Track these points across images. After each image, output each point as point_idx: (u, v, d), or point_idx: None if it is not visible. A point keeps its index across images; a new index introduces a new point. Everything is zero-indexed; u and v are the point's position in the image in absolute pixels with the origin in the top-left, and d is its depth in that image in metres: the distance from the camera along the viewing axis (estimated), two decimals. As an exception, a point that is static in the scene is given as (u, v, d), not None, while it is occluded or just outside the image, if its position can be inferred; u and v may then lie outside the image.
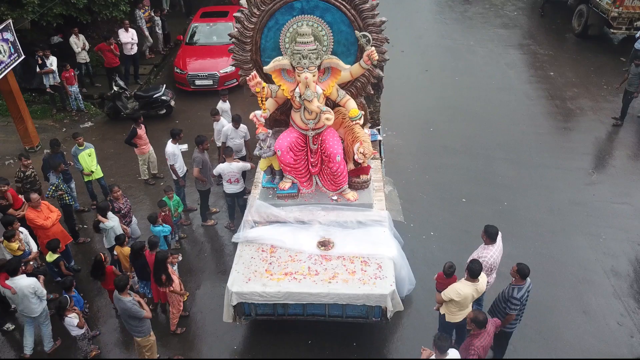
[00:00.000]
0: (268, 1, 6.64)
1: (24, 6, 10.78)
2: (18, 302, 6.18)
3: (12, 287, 6.04)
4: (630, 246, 8.30)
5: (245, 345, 6.86)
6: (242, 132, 8.75)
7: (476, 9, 18.20)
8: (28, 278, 6.17)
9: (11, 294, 6.12)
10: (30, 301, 6.12)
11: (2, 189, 7.15)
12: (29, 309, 6.19)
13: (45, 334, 6.53)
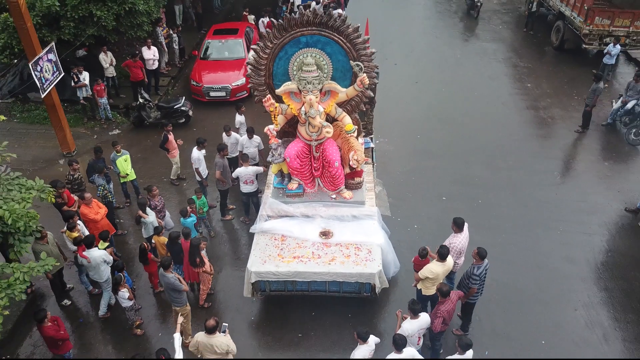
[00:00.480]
0: (279, 36, 8.16)
1: (62, 28, 12.29)
2: (91, 269, 7.78)
3: (88, 257, 7.61)
4: (582, 237, 9.80)
5: (261, 317, 8.38)
6: (255, 142, 10.23)
7: (464, 22, 19.72)
8: (99, 250, 7.78)
9: (87, 263, 7.69)
10: (100, 269, 7.70)
11: (60, 190, 8.66)
12: (99, 274, 7.80)
13: (105, 298, 8.12)
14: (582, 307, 8.49)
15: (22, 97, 14.12)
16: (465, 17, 20.17)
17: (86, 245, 7.70)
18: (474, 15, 19.69)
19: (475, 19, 19.56)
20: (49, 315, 6.75)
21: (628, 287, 8.86)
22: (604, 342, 7.95)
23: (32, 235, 7.21)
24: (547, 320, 8.22)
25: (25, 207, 6.51)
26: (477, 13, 19.66)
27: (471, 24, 19.50)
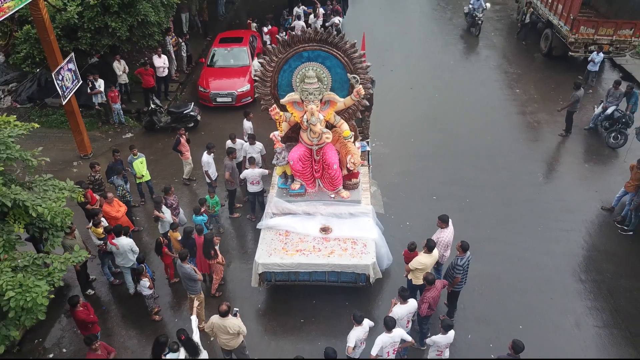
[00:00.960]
0: (283, 51, 9.04)
1: (79, 39, 13.16)
2: (119, 255, 8.73)
3: (117, 244, 8.52)
4: (561, 234, 10.67)
5: (267, 305, 9.26)
6: (257, 148, 11.04)
7: (458, 29, 20.59)
8: (127, 238, 8.72)
9: (116, 250, 8.62)
10: (127, 255, 8.62)
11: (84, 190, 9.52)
12: (126, 260, 8.73)
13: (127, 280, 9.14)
14: (557, 296, 9.36)
15: (40, 103, 15.00)
16: (459, 23, 21.04)
17: (115, 234, 8.61)
18: (475, 33, 19.68)
19: (477, 37, 19.63)
20: (80, 301, 7.64)
21: (600, 278, 9.74)
22: (576, 327, 8.83)
23: (62, 231, 8.08)
24: (525, 308, 9.08)
25: (60, 206, 7.37)
26: (478, 31, 19.64)
27: (464, 32, 20.36)
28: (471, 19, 19.82)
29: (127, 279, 9.15)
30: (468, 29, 20.19)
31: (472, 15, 19.63)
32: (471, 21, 19.91)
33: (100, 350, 6.96)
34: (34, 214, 6.99)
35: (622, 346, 8.54)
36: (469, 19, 20.01)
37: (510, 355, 6.75)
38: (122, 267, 9.02)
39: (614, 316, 9.02)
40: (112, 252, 8.80)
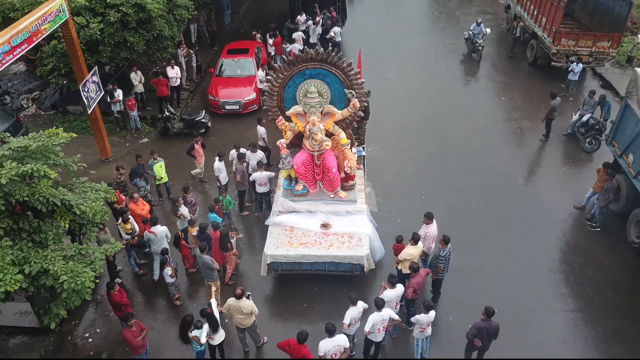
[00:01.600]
0: (288, 69, 10.30)
1: (100, 52, 14.38)
2: (155, 242, 10.01)
3: (155, 232, 9.83)
4: (537, 230, 11.91)
5: (274, 292, 10.52)
6: (258, 156, 12.14)
7: (451, 39, 21.82)
8: (163, 226, 10.07)
9: (154, 237, 9.93)
10: (163, 241, 9.93)
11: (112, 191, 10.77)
12: (160, 246, 9.97)
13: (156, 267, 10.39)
14: (531, 284, 10.61)
15: (62, 110, 16.25)
16: (451, 32, 22.28)
17: (151, 224, 9.94)
18: (477, 59, 19.54)
19: (478, 62, 19.56)
20: (116, 286, 8.89)
21: (569, 269, 11.01)
22: (546, 311, 10.08)
23: (96, 226, 9.32)
24: (501, 294, 10.30)
25: (99, 205, 8.60)
26: (479, 57, 19.50)
27: (456, 41, 21.57)
28: (472, 44, 19.58)
29: (155, 266, 10.40)
30: (469, 55, 19.99)
31: (472, 41, 19.46)
32: (472, 47, 19.70)
33: (135, 327, 8.21)
34: (78, 212, 8.22)
35: (584, 326, 9.82)
36: (470, 45, 19.76)
37: (484, 320, 8.01)
38: (154, 254, 10.26)
39: (578, 301, 10.29)
40: (150, 239, 10.02)
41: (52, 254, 7.71)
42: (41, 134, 8.29)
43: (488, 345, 8.30)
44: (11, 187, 7.55)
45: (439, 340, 9.52)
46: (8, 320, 9.63)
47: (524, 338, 9.53)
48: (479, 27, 19.27)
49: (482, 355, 8.50)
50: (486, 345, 8.23)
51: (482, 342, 8.13)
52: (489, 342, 8.23)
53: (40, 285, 7.57)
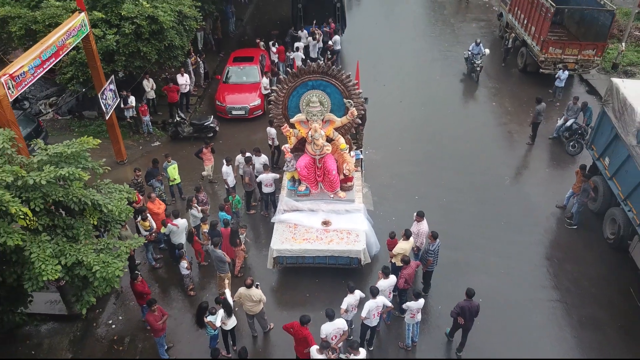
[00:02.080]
0: (292, 81, 11.32)
1: (115, 62, 15.39)
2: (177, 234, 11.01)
3: (177, 224, 10.87)
4: (521, 227, 12.91)
5: (279, 283, 11.54)
6: (262, 159, 13.10)
7: (446, 45, 22.84)
8: (183, 219, 11.11)
9: (177, 229, 10.95)
10: (183, 234, 10.93)
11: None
12: (180, 238, 11.00)
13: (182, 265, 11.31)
14: (515, 276, 11.61)
15: (78, 115, 17.27)
16: (446, 39, 23.30)
17: (175, 217, 11.05)
18: (475, 79, 19.59)
19: (476, 82, 19.63)
20: (138, 277, 9.91)
21: (549, 264, 12.02)
22: (527, 300, 11.06)
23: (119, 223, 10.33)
24: (487, 286, 11.24)
25: (124, 204, 9.60)
26: (477, 77, 19.53)
27: (451, 48, 22.61)
28: (470, 65, 19.60)
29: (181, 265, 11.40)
30: (468, 74, 19.99)
31: (471, 61, 19.50)
32: (470, 67, 19.70)
33: (157, 312, 9.23)
34: (105, 210, 9.24)
35: (561, 314, 10.82)
36: (469, 65, 19.78)
37: (466, 300, 9.10)
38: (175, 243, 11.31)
39: (556, 292, 11.30)
40: (172, 231, 11.04)
41: (85, 248, 8.70)
42: (74, 141, 9.27)
43: (470, 325, 9.37)
44: (48, 188, 8.56)
45: (428, 327, 10.53)
46: (39, 308, 10.64)
47: (508, 324, 10.51)
48: (478, 47, 19.35)
49: (466, 333, 9.53)
50: (469, 323, 9.30)
51: (465, 320, 9.19)
52: (471, 321, 9.31)
53: (74, 275, 8.57)
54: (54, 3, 15.18)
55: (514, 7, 21.42)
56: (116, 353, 10.13)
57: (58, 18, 14.64)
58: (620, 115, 12.09)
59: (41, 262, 8.00)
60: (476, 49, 19.35)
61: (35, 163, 8.80)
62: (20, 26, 14.95)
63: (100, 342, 10.37)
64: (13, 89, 9.99)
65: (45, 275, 7.95)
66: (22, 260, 8.45)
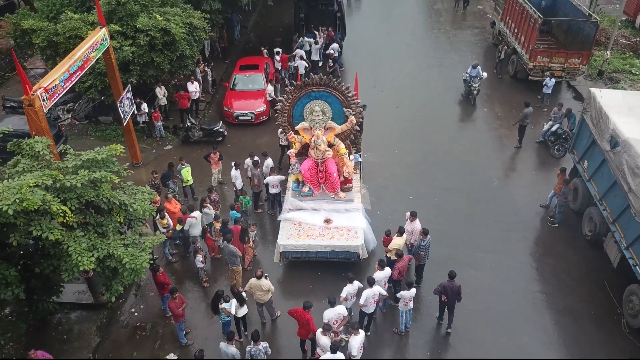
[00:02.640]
0: (297, 92, 12.45)
1: (130, 71, 16.50)
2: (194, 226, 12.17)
3: (195, 217, 12.04)
4: (507, 225, 14.01)
5: (285, 276, 12.66)
6: (269, 162, 14.15)
7: (441, 52, 23.96)
8: (197, 211, 12.25)
9: (195, 221, 12.10)
10: (199, 226, 12.12)
11: (149, 192, 12.90)
12: (197, 230, 12.18)
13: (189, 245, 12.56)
14: (501, 270, 12.72)
15: (95, 120, 18.39)
16: (440, 46, 24.41)
17: (191, 211, 12.26)
18: (471, 102, 19.56)
19: (473, 105, 19.61)
20: (160, 269, 11.03)
21: (532, 259, 13.14)
22: (511, 291, 12.16)
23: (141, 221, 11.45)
24: (474, 278, 12.38)
25: (147, 204, 10.70)
26: (473, 100, 19.50)
27: (446, 54, 23.73)
28: (468, 87, 19.54)
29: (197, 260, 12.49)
30: (466, 97, 19.97)
31: (468, 84, 19.43)
32: (468, 90, 19.62)
33: (178, 300, 10.36)
34: (131, 210, 10.36)
35: (541, 304, 11.93)
36: (466, 87, 19.72)
37: (448, 281, 10.42)
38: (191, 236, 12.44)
39: (538, 284, 12.42)
40: (191, 224, 12.20)
41: (114, 242, 9.81)
42: (104, 148, 10.39)
43: (453, 303, 10.66)
44: (82, 190, 9.67)
45: (420, 315, 11.66)
46: (69, 297, 11.74)
47: (494, 312, 11.62)
48: (475, 69, 19.20)
49: (451, 310, 10.85)
50: (451, 301, 10.61)
51: (447, 298, 10.52)
52: (453, 300, 10.61)
53: (105, 267, 9.69)
54: (73, 16, 16.29)
55: (506, 16, 22.55)
56: (140, 338, 11.25)
57: (78, 30, 15.77)
58: (597, 123, 13.21)
59: (77, 255, 9.08)
60: (474, 72, 19.23)
61: (70, 167, 9.92)
62: (43, 38, 16.07)
63: (124, 328, 11.51)
64: (47, 100, 11.11)
65: (81, 266, 9.03)
66: (58, 253, 9.54)
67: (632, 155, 11.36)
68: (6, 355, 10.85)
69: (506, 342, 11.04)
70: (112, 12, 16.39)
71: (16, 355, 10.85)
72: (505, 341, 11.05)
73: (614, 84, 20.71)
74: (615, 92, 14.46)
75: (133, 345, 11.08)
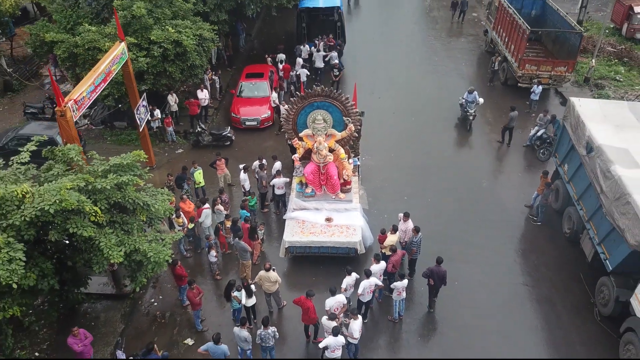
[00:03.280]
0: (300, 102, 13.69)
1: (145, 80, 17.72)
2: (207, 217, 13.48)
3: (208, 207, 13.36)
4: (494, 223, 15.23)
5: (290, 269, 13.88)
6: (277, 166, 15.41)
7: (436, 60, 25.16)
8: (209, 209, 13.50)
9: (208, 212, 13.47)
10: (208, 219, 13.42)
11: (166, 193, 14.13)
12: (209, 220, 13.46)
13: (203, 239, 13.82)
14: (486, 264, 13.93)
15: (110, 125, 19.62)
16: (435, 53, 25.62)
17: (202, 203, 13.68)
18: (467, 128, 19.47)
19: (468, 130, 19.55)
20: (178, 262, 12.27)
21: (516, 254, 14.37)
22: (496, 283, 13.40)
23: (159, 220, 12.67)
24: (461, 271, 13.57)
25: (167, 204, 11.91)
26: (469, 126, 19.40)
27: (441, 62, 24.94)
28: (464, 112, 19.45)
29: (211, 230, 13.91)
30: (461, 121, 19.90)
31: (464, 109, 19.33)
32: (463, 115, 19.57)
33: (195, 290, 11.60)
34: (153, 209, 11.58)
35: (523, 294, 13.15)
36: (462, 112, 19.68)
37: (435, 266, 11.78)
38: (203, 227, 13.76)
39: (520, 276, 13.66)
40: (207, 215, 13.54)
41: (139, 239, 11.05)
42: (129, 154, 11.61)
43: (439, 286, 12.07)
44: (110, 192, 10.89)
45: (412, 304, 12.88)
46: (94, 289, 12.99)
47: (480, 301, 12.86)
48: (472, 95, 19.12)
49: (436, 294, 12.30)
50: (437, 284, 12.00)
51: (434, 281, 11.88)
52: (439, 283, 12.02)
53: (131, 260, 10.91)
54: (90, 28, 17.46)
55: (497, 25, 23.75)
56: (160, 325, 12.49)
57: (96, 42, 16.98)
58: (575, 129, 14.43)
59: (108, 249, 10.28)
60: (470, 97, 19.15)
61: (100, 172, 11.15)
62: (64, 50, 17.30)
63: (145, 316, 12.75)
64: (76, 111, 12.36)
65: (112, 259, 10.23)
66: (89, 248, 10.74)
67: (604, 160, 12.58)
68: (40, 340, 12.08)
69: (491, 327, 12.27)
70: (127, 25, 17.57)
71: (49, 339, 12.09)
72: (490, 327, 12.28)
73: (599, 90, 21.92)
74: (593, 102, 15.67)
75: (154, 332, 12.31)
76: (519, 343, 11.96)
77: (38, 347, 11.91)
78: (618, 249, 11.78)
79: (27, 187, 9.97)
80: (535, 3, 23.98)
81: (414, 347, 12.01)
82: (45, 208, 9.54)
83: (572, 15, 27.66)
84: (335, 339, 10.24)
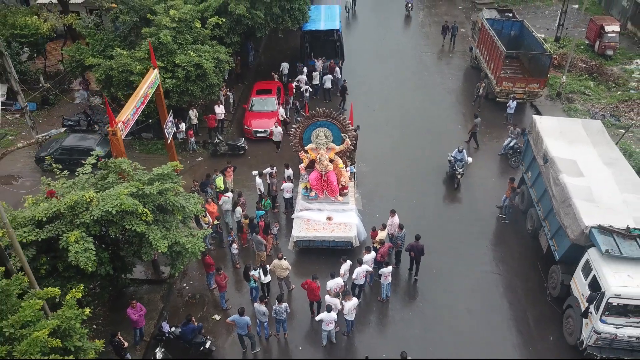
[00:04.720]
0: (306, 122, 16.53)
1: (170, 98, 20.48)
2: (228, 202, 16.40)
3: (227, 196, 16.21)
4: (469, 221, 18.03)
5: (296, 260, 16.68)
6: (289, 173, 18.23)
7: (425, 75, 27.90)
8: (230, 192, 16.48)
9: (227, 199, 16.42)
10: (229, 203, 16.28)
11: (193, 196, 16.95)
12: (228, 206, 16.38)
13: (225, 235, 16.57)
14: (461, 255, 16.73)
15: (138, 136, 22.42)
16: (425, 68, 28.39)
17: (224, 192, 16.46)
18: (454, 186, 19.46)
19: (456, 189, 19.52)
20: (207, 253, 15.08)
21: (487, 247, 17.17)
22: (468, 271, 16.19)
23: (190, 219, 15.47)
24: (440, 262, 16.36)
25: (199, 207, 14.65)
26: (457, 184, 19.38)
27: (430, 75, 27.69)
28: (452, 170, 19.37)
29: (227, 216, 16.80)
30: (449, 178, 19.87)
31: (452, 167, 19.28)
32: (451, 173, 19.43)
33: (222, 275, 14.42)
34: (187, 211, 14.38)
35: (492, 281, 15.95)
36: (450, 170, 19.57)
37: (414, 242, 14.80)
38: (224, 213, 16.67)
39: (490, 266, 16.44)
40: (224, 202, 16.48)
41: (178, 233, 13.84)
42: (168, 165, 14.39)
43: (419, 257, 15.12)
44: (155, 196, 13.68)
45: (399, 287, 15.70)
46: (137, 275, 15.79)
47: (455, 287, 15.64)
48: (461, 154, 19.14)
49: (418, 263, 15.35)
50: (418, 256, 15.01)
51: (415, 254, 14.88)
52: (418, 255, 15.05)
53: (172, 251, 13.67)
54: (123, 52, 20.21)
55: (480, 44, 26.50)
56: (191, 304, 15.32)
57: (128, 66, 19.78)
58: (536, 143, 17.23)
59: (156, 242, 13.06)
60: (459, 155, 19.12)
61: (146, 180, 13.95)
62: (101, 72, 20.11)
63: (180, 298, 15.58)
64: (123, 130, 15.15)
65: (159, 249, 13.01)
66: (138, 241, 13.49)
67: (555, 170, 15.38)
68: (96, 315, 14.88)
69: (463, 307, 15.05)
70: (155, 50, 20.33)
71: (103, 315, 14.91)
72: (462, 307, 15.05)
73: (569, 104, 24.68)
74: (553, 119, 18.45)
75: (187, 309, 15.11)
76: (486, 320, 14.75)
77: (95, 321, 14.70)
78: (563, 242, 14.59)
79: (92, 193, 12.75)
80: (514, 25, 26.73)
81: (399, 322, 14.81)
82: (109, 210, 12.31)
83: (551, 32, 30.60)
84: (329, 314, 13.05)
